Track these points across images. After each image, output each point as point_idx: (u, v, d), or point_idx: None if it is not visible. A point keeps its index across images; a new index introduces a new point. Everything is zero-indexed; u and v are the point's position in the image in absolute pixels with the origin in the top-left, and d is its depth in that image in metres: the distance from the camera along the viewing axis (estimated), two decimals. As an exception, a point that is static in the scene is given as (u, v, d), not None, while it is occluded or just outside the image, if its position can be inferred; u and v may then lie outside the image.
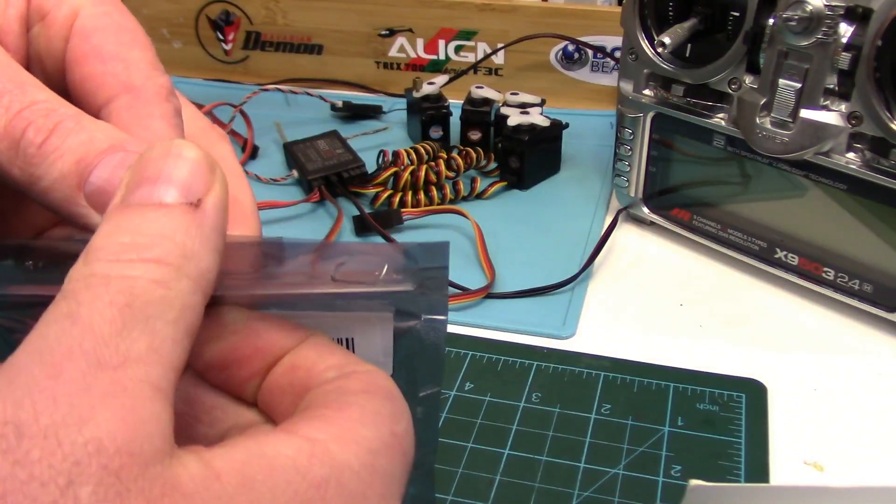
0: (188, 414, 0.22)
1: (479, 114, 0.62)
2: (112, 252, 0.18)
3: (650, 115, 0.51)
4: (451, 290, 0.49)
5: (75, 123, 0.21)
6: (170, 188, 0.19)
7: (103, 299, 0.17)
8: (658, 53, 0.49)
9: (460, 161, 0.59)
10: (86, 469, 0.16)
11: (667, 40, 0.47)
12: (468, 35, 0.72)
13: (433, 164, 0.58)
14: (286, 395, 0.21)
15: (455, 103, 0.64)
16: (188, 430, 0.21)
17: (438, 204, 0.57)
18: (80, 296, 0.18)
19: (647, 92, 0.51)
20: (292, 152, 0.61)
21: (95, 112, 0.23)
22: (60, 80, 0.24)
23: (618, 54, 0.68)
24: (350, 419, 0.20)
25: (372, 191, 0.57)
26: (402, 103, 0.68)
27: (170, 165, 0.20)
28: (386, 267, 0.24)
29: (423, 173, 0.57)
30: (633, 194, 0.54)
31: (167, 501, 0.16)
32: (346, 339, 0.26)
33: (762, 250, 0.50)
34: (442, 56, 0.74)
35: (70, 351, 0.17)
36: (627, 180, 0.54)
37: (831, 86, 0.42)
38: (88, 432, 0.16)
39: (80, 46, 0.23)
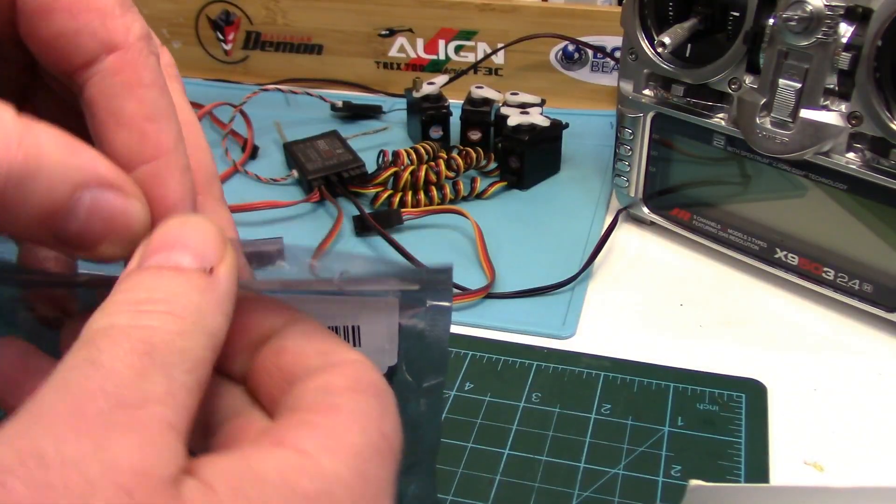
0: None
1: (479, 114, 0.62)
2: (131, 305, 0.19)
3: (650, 115, 0.51)
4: (452, 290, 0.49)
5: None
6: (185, 254, 0.20)
7: (123, 347, 0.18)
8: (658, 53, 0.49)
9: (460, 161, 0.59)
10: (100, 486, 0.16)
11: (667, 40, 0.47)
12: (468, 35, 0.72)
13: (433, 164, 0.58)
14: (273, 379, 0.22)
15: (455, 103, 0.64)
16: None
17: (438, 204, 0.57)
18: (100, 343, 0.18)
19: (647, 92, 0.51)
20: (292, 152, 0.61)
21: (71, 75, 0.23)
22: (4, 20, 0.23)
23: (618, 54, 0.68)
24: (338, 425, 0.20)
25: (372, 191, 0.57)
26: (402, 103, 0.68)
27: (186, 234, 0.21)
28: (397, 302, 0.25)
29: (423, 173, 0.57)
30: (633, 194, 0.54)
31: None
32: (352, 327, 0.26)
33: (762, 250, 0.50)
34: (442, 56, 0.74)
35: (92, 392, 0.17)
36: (627, 180, 0.54)
37: (831, 86, 0.42)
38: (105, 457, 0.17)
39: None
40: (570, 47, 0.70)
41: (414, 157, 0.59)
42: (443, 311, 0.26)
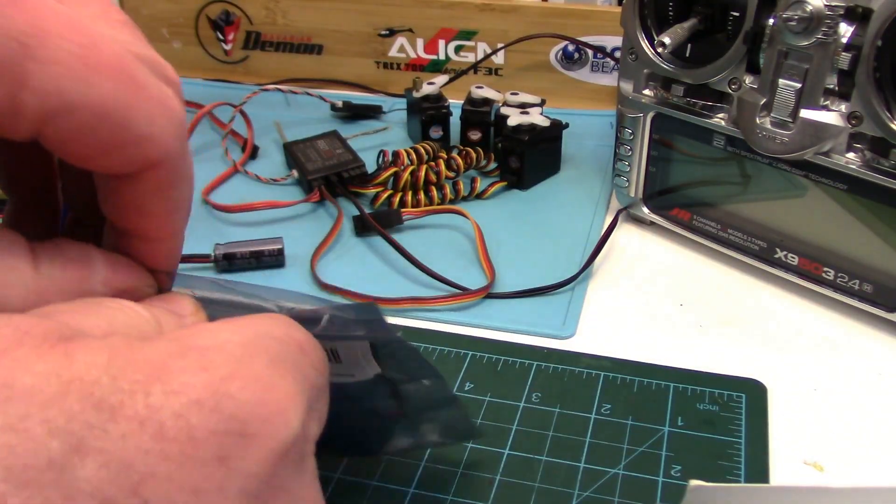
0: None
1: (479, 114, 0.62)
2: None
3: (650, 115, 0.51)
4: (452, 290, 0.49)
5: None
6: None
7: None
8: (658, 53, 0.49)
9: (460, 161, 0.59)
10: None
11: (667, 40, 0.47)
12: (468, 35, 0.72)
13: (433, 164, 0.58)
14: None
15: (455, 103, 0.64)
16: None
17: (438, 204, 0.57)
18: None
19: (647, 92, 0.51)
20: (292, 152, 0.61)
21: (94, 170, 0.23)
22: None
23: (618, 54, 0.68)
24: (237, 320, 0.22)
25: (372, 191, 0.57)
26: (402, 103, 0.68)
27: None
28: (326, 317, 0.26)
29: (423, 173, 0.57)
30: (633, 194, 0.54)
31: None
32: (330, 349, 0.28)
33: (762, 250, 0.50)
34: (442, 56, 0.74)
35: None
36: (627, 180, 0.54)
37: (831, 86, 0.42)
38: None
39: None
40: (570, 47, 0.70)
41: (414, 157, 0.59)
42: (375, 322, 0.27)
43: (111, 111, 0.20)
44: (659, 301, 0.49)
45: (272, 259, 0.51)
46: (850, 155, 0.43)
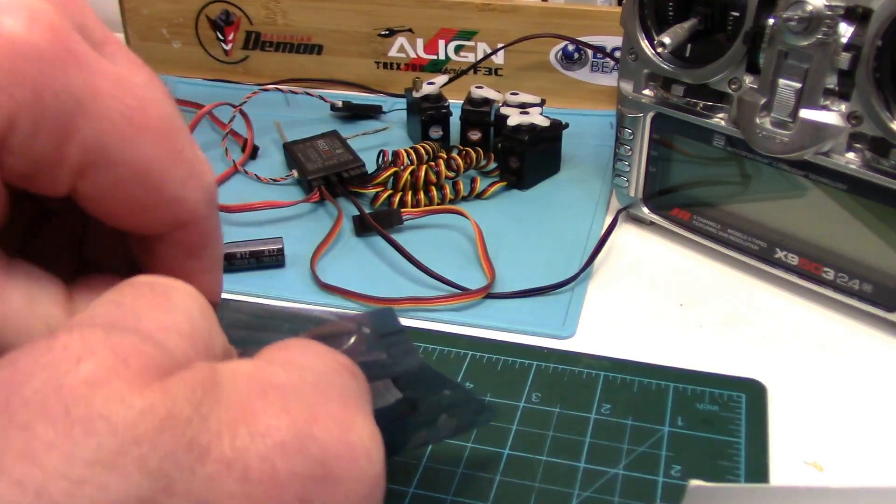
0: None
1: (479, 114, 0.62)
2: None
3: (650, 115, 0.51)
4: (452, 290, 0.49)
5: None
6: None
7: None
8: (658, 53, 0.49)
9: (460, 161, 0.59)
10: None
11: (667, 40, 0.47)
12: (468, 35, 0.72)
13: (433, 164, 0.58)
14: None
15: (455, 103, 0.64)
16: None
17: (438, 204, 0.57)
18: None
19: (647, 92, 0.51)
20: (292, 152, 0.61)
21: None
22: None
23: (618, 54, 0.68)
24: (293, 352, 0.22)
25: (372, 191, 0.57)
26: (402, 103, 0.68)
27: None
28: (354, 338, 0.27)
29: (422, 173, 0.57)
30: (633, 194, 0.54)
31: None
32: None
33: (762, 250, 0.50)
34: (442, 56, 0.74)
35: None
36: (627, 180, 0.54)
37: (831, 86, 0.42)
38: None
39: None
40: (570, 47, 0.70)
41: (414, 157, 0.59)
42: (398, 335, 0.28)
43: (148, 171, 0.21)
44: (659, 301, 0.49)
45: (272, 259, 0.51)
46: (850, 155, 0.43)
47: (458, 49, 0.73)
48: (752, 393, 0.41)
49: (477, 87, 0.63)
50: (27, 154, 0.19)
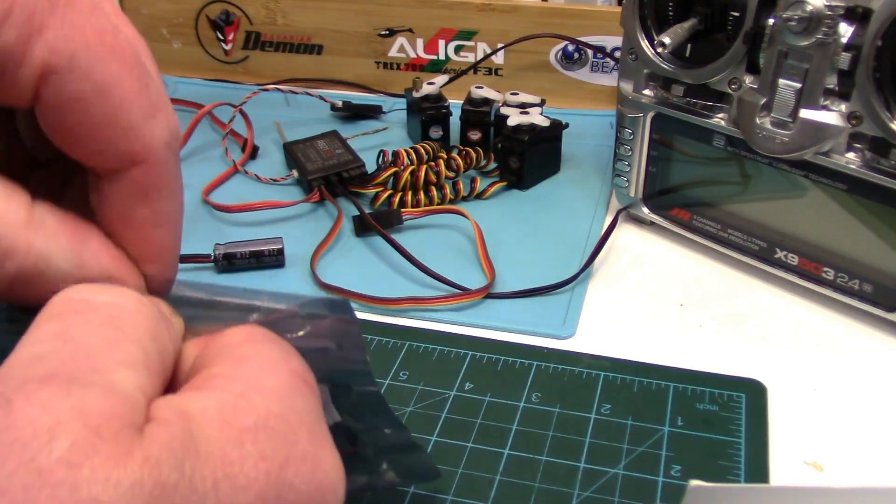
0: None
1: (479, 114, 0.62)
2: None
3: (650, 115, 0.51)
4: (452, 290, 0.49)
5: None
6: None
7: (94, 321, 0.20)
8: (658, 53, 0.49)
9: (460, 161, 0.59)
10: (67, 423, 0.17)
11: (667, 40, 0.47)
12: (468, 35, 0.72)
13: (433, 164, 0.58)
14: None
15: (455, 103, 0.64)
16: None
17: (438, 204, 0.57)
18: (70, 319, 0.20)
19: (647, 92, 0.51)
20: (292, 152, 0.61)
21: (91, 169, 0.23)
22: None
23: (618, 54, 0.68)
24: (253, 371, 0.22)
25: (372, 191, 0.57)
26: (402, 103, 0.68)
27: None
28: (305, 331, 0.26)
29: (422, 173, 0.57)
30: (633, 194, 0.54)
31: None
32: None
33: (762, 250, 0.50)
34: (442, 56, 0.74)
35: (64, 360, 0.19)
36: (627, 180, 0.54)
37: (831, 86, 0.42)
38: (75, 402, 0.18)
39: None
40: (570, 47, 0.70)
41: (414, 157, 0.59)
42: (350, 327, 0.27)
43: (110, 92, 0.21)
44: (659, 301, 0.49)
45: (272, 259, 0.51)
46: (850, 155, 0.43)
47: (458, 49, 0.73)
48: (752, 393, 0.41)
49: (477, 87, 0.63)
50: None
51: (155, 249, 0.24)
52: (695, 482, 0.29)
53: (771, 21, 0.43)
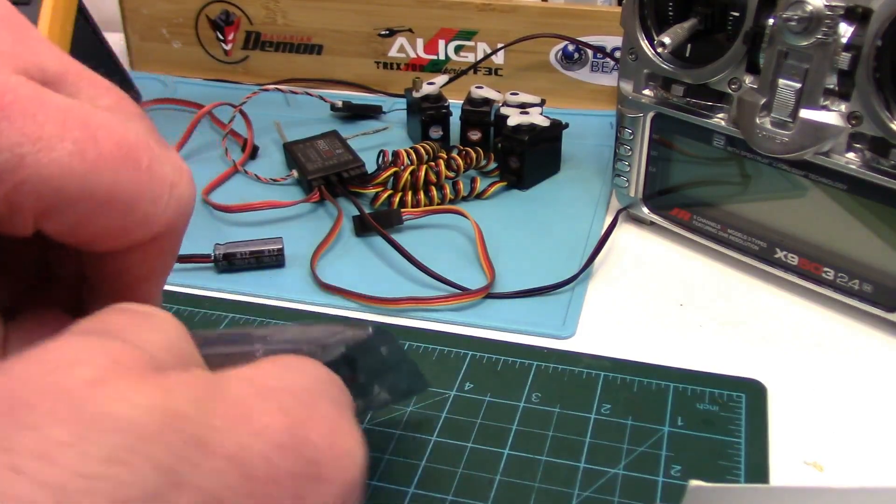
0: None
1: (479, 114, 0.62)
2: None
3: (650, 115, 0.51)
4: (452, 290, 0.49)
5: None
6: None
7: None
8: (658, 53, 0.49)
9: (460, 161, 0.59)
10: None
11: (667, 40, 0.47)
12: (468, 35, 0.72)
13: (433, 164, 0.58)
14: None
15: (455, 103, 0.64)
16: None
17: (438, 204, 0.57)
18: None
19: (646, 92, 0.51)
20: (292, 152, 0.61)
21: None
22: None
23: (618, 54, 0.68)
24: (287, 361, 0.22)
25: (372, 191, 0.57)
26: (402, 103, 0.68)
27: None
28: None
29: (422, 173, 0.57)
30: (633, 194, 0.54)
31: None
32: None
33: (762, 250, 0.50)
34: (442, 56, 0.74)
35: None
36: (627, 180, 0.54)
37: (831, 86, 0.42)
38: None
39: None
40: (570, 47, 0.70)
41: (414, 157, 0.59)
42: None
43: (112, 199, 0.21)
44: (659, 301, 0.49)
45: (272, 259, 0.51)
46: (850, 155, 0.43)
47: (458, 49, 0.73)
48: (752, 393, 0.41)
49: (477, 87, 0.63)
50: None
51: (143, 299, 0.24)
52: (695, 482, 0.29)
53: (771, 21, 0.43)
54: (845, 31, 0.41)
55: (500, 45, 0.71)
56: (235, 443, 0.18)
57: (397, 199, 0.57)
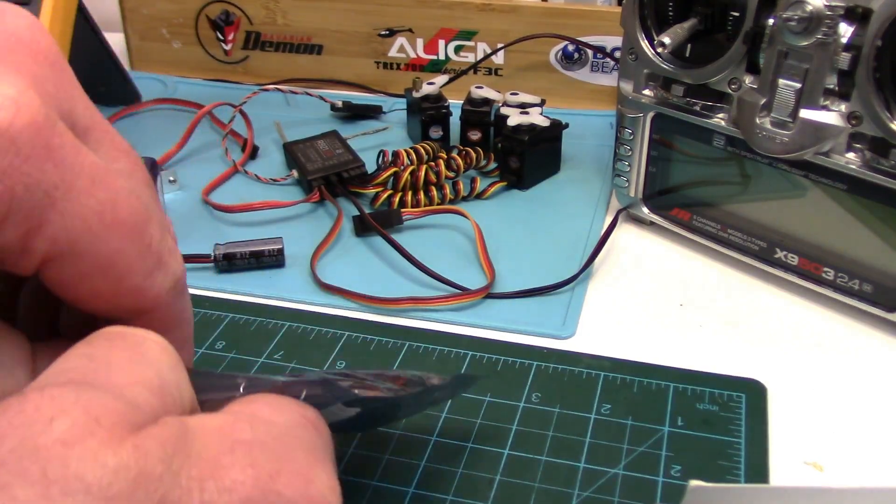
0: None
1: (479, 114, 0.62)
2: None
3: (650, 115, 0.51)
4: (452, 290, 0.49)
5: None
6: None
7: None
8: (658, 53, 0.49)
9: (460, 161, 0.59)
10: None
11: (667, 40, 0.47)
12: (468, 35, 0.72)
13: (433, 164, 0.58)
14: None
15: (455, 103, 0.64)
16: None
17: (438, 204, 0.57)
18: None
19: (646, 92, 0.51)
20: (292, 152, 0.61)
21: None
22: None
23: (618, 54, 0.68)
24: (260, 406, 0.22)
25: (372, 191, 0.57)
26: (402, 103, 0.68)
27: None
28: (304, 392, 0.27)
29: (422, 173, 0.57)
30: (633, 194, 0.54)
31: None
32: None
33: (762, 250, 0.50)
34: (442, 56, 0.74)
35: None
36: (627, 180, 0.54)
37: (831, 86, 0.42)
38: None
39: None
40: (570, 47, 0.70)
41: (414, 157, 0.59)
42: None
43: (112, 265, 0.22)
44: (659, 301, 0.49)
45: (272, 259, 0.51)
46: (850, 155, 0.43)
47: (458, 49, 0.73)
48: (752, 393, 0.41)
49: (477, 87, 0.63)
50: None
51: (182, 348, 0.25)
52: (695, 482, 0.29)
53: (771, 21, 0.43)
54: (845, 31, 0.41)
55: (500, 45, 0.71)
56: (201, 500, 0.18)
57: (397, 199, 0.57)
